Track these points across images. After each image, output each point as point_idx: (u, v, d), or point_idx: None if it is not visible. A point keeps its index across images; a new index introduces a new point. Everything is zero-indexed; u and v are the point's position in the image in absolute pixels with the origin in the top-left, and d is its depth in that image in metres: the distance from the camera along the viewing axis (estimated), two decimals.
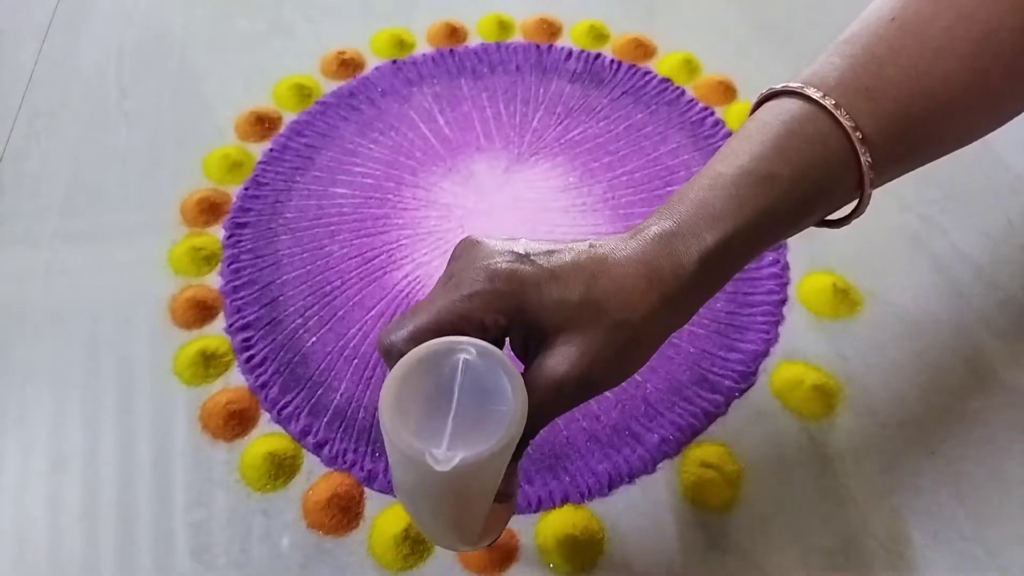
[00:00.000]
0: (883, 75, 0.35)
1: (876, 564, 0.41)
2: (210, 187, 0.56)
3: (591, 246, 0.32)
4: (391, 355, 0.31)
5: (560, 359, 0.31)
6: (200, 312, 0.50)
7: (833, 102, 0.34)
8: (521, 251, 0.32)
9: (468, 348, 0.29)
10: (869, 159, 0.34)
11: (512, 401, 0.28)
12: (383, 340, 0.32)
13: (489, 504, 0.32)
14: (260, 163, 0.58)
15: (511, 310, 0.31)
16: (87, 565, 0.41)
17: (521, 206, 0.55)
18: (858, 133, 0.34)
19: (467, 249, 0.33)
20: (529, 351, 0.33)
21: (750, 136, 0.35)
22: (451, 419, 0.28)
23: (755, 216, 0.33)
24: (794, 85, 0.36)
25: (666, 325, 0.33)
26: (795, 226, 0.35)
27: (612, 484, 0.44)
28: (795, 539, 0.42)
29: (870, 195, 0.35)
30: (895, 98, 0.35)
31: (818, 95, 0.34)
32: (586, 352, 0.31)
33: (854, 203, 0.36)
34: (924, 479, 0.44)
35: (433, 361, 0.29)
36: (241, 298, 0.51)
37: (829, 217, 0.37)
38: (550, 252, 0.32)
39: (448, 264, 0.33)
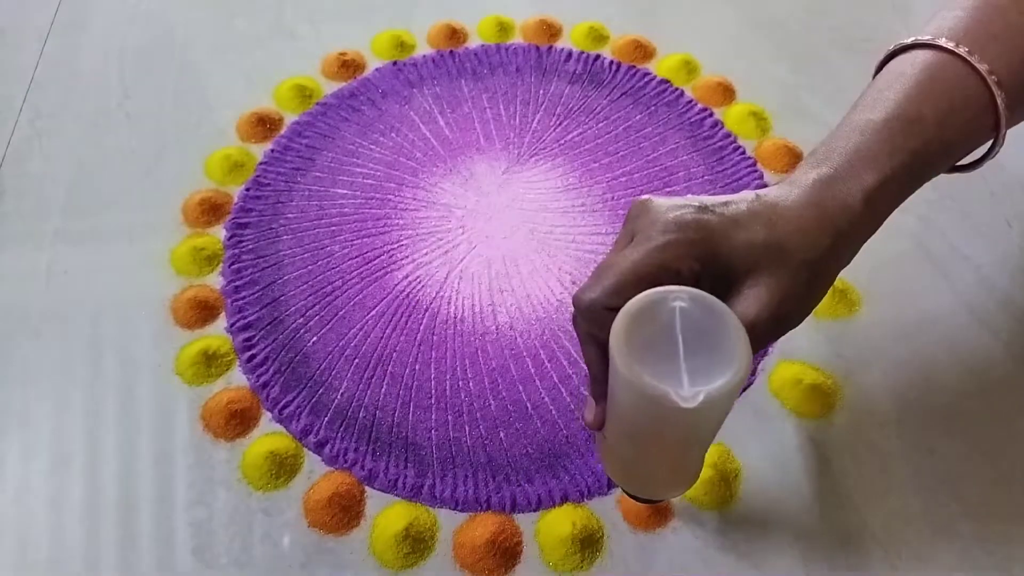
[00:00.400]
0: (1008, 21, 0.37)
1: (875, 563, 0.41)
2: (211, 188, 0.56)
3: (757, 196, 0.34)
4: (592, 311, 0.33)
5: (751, 301, 0.33)
6: (201, 312, 0.50)
7: (967, 49, 0.36)
8: (698, 204, 0.34)
9: (680, 295, 0.30)
10: (1004, 100, 0.36)
11: (736, 336, 0.30)
12: (581, 299, 0.33)
13: (712, 440, 0.34)
14: (261, 164, 0.58)
15: (704, 256, 0.33)
16: (88, 563, 0.41)
17: (521, 206, 0.55)
18: (993, 76, 0.36)
19: (644, 208, 0.35)
20: None
21: (890, 85, 0.37)
22: (682, 360, 0.29)
23: (907, 157, 0.35)
24: (924, 38, 0.38)
25: (838, 263, 0.35)
26: (940, 167, 0.38)
27: (612, 483, 0.44)
28: (794, 539, 0.42)
29: (1004, 136, 0.37)
30: (1022, 43, 0.37)
31: (950, 44, 0.36)
32: (776, 292, 0.33)
33: (986, 147, 0.39)
34: (923, 478, 0.44)
35: (650, 311, 0.30)
36: (242, 298, 0.51)
37: (961, 162, 0.39)
38: (725, 203, 0.34)
39: (624, 225, 0.35)
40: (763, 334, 0.33)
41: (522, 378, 0.48)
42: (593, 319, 0.33)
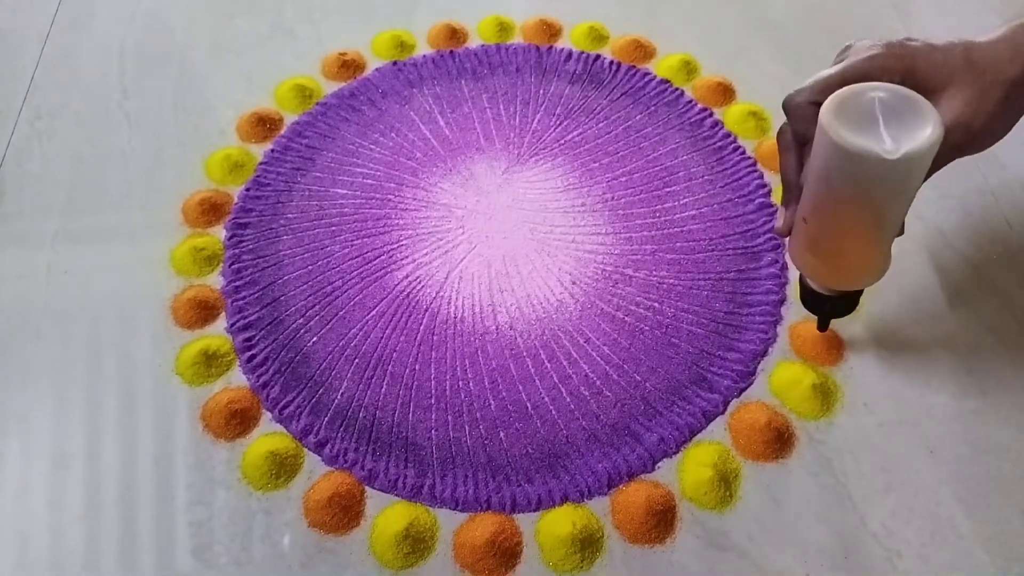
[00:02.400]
0: None
1: (875, 563, 0.41)
2: (211, 188, 0.56)
3: (957, 38, 0.39)
4: (800, 108, 0.39)
5: (946, 109, 0.37)
6: (202, 312, 0.50)
7: None
8: (903, 38, 0.39)
9: (879, 88, 0.36)
10: None
11: (929, 112, 0.35)
12: (792, 98, 0.39)
13: (904, 214, 0.39)
14: (261, 164, 0.58)
15: (903, 70, 0.38)
16: (88, 563, 0.42)
17: (521, 206, 0.55)
18: None
19: (849, 45, 0.40)
20: None
21: None
22: (883, 129, 0.35)
23: None
24: None
25: None
26: None
27: (612, 483, 0.44)
28: (794, 538, 0.42)
29: None
30: None
31: None
32: (971, 103, 0.38)
33: None
34: (922, 478, 0.44)
35: (854, 99, 0.36)
36: (242, 298, 0.51)
37: None
38: (927, 38, 0.39)
39: (835, 58, 0.40)
40: (956, 142, 0.37)
41: (522, 378, 0.48)
42: (800, 116, 0.39)
